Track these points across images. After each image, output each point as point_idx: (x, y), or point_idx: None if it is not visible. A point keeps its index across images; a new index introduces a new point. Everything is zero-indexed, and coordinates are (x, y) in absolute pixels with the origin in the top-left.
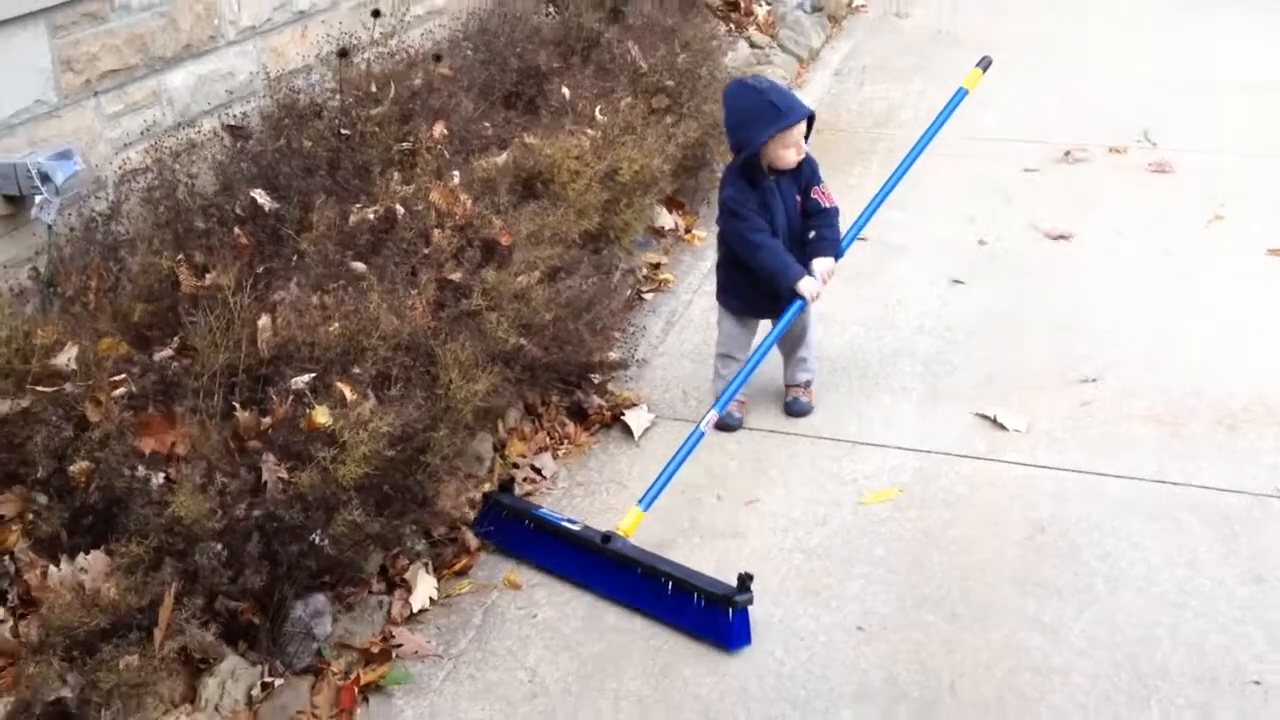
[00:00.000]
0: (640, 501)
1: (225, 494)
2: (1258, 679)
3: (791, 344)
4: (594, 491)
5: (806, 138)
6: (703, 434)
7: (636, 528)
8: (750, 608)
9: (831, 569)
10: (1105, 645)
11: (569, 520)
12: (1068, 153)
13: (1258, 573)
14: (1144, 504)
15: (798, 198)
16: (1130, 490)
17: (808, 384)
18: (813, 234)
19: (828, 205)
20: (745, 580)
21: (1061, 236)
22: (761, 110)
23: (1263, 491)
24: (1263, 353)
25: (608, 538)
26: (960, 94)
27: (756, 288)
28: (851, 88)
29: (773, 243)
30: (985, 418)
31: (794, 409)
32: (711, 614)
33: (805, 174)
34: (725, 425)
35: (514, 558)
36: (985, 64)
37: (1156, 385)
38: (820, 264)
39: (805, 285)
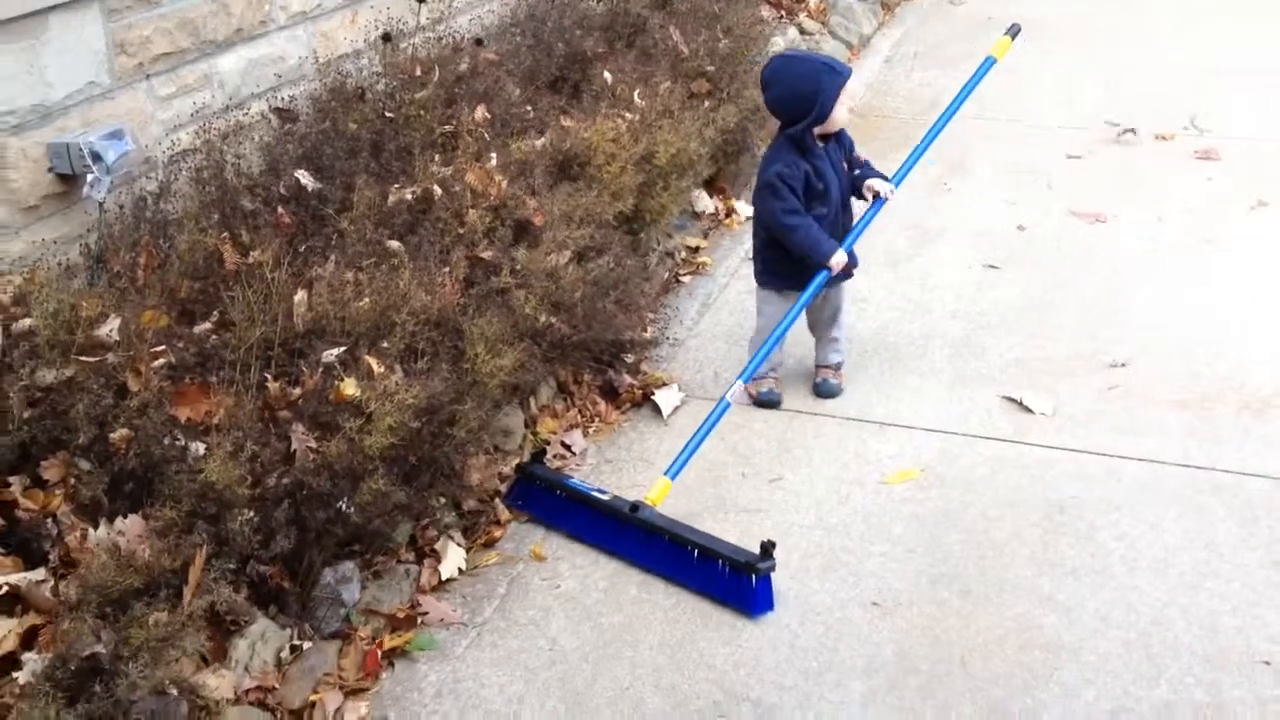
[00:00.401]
0: (667, 471)
1: (256, 461)
2: (1268, 659)
3: (824, 325)
4: (621, 468)
5: None
6: (729, 405)
7: (664, 497)
8: (772, 574)
9: (851, 546)
10: (1118, 624)
11: (599, 490)
12: (1112, 138)
13: (1276, 557)
14: (1166, 487)
15: (844, 164)
16: (1153, 473)
17: (838, 366)
18: (858, 172)
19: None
20: (768, 547)
21: (1100, 222)
22: (820, 72)
23: None
24: None
25: (636, 507)
26: (988, 62)
27: (803, 260)
28: (901, 74)
29: (806, 222)
30: (1012, 400)
31: (823, 390)
32: (735, 581)
33: (846, 142)
34: (766, 402)
35: (544, 526)
36: (1014, 31)
37: (1186, 370)
38: (877, 183)
39: (836, 259)
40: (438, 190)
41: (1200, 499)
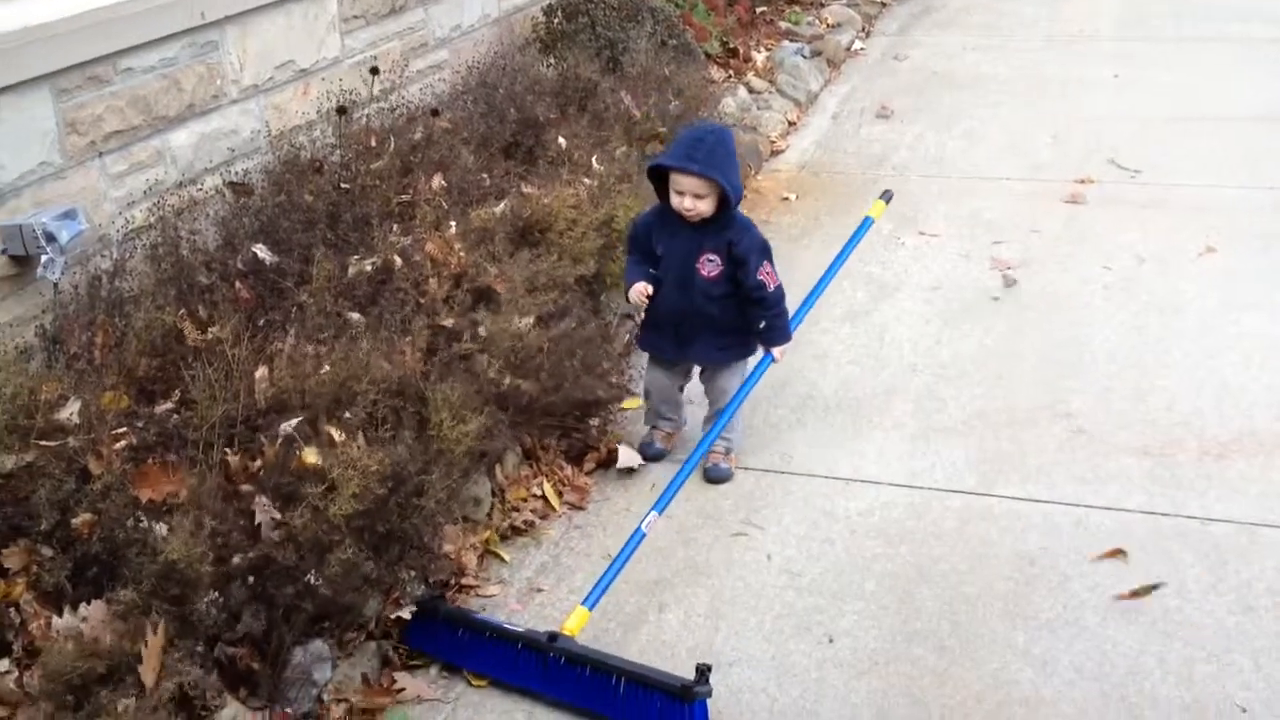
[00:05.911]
0: (585, 601)
1: (218, 538)
2: (1244, 706)
3: (709, 400)
4: (590, 534)
5: (725, 211)
6: (644, 535)
7: (582, 627)
8: (709, 700)
9: (824, 605)
10: (1093, 676)
11: (509, 625)
12: (1060, 188)
13: (1246, 601)
14: (1133, 535)
15: (719, 257)
16: (1119, 522)
17: (726, 451)
18: (757, 308)
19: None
20: (704, 671)
21: (1052, 272)
22: (670, 150)
23: (1250, 520)
24: (1251, 383)
25: (554, 636)
26: (866, 223)
27: (657, 327)
28: (849, 130)
29: (630, 259)
30: (976, 452)
31: (710, 476)
32: (670, 708)
33: (737, 244)
34: (652, 456)
35: (449, 668)
36: (888, 197)
37: (1145, 417)
38: (774, 348)
39: (634, 291)
40: (398, 260)
41: (1167, 545)
